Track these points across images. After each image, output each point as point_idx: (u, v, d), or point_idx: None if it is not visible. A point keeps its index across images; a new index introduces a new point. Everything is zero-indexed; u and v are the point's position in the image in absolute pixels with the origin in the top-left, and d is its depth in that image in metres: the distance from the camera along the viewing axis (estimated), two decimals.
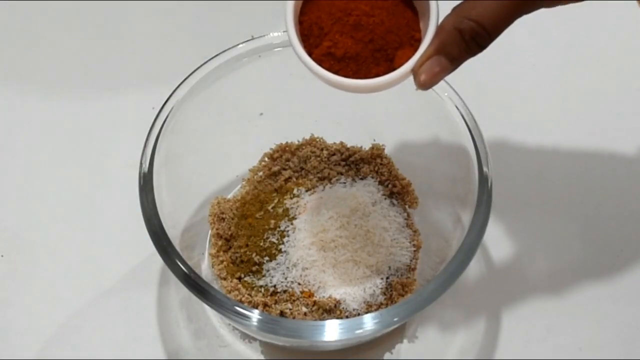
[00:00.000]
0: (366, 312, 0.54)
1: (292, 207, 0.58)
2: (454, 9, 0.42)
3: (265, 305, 0.55)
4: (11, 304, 0.59)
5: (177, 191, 0.56)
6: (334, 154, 0.62)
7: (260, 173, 0.62)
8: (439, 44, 0.42)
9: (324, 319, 0.54)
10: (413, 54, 0.44)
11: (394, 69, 0.44)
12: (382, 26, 0.44)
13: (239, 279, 0.57)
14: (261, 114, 0.62)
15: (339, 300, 0.55)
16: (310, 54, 0.44)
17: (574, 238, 0.62)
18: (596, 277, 0.60)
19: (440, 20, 0.43)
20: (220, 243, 0.58)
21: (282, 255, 0.56)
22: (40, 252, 0.62)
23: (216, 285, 0.57)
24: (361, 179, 0.61)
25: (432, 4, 0.43)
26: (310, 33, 0.45)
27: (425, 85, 0.42)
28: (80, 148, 0.67)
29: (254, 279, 0.56)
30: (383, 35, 0.44)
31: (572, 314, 0.59)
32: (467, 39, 0.41)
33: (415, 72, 0.42)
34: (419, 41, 0.44)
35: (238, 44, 0.57)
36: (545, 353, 0.57)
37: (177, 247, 0.50)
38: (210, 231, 0.59)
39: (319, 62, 0.44)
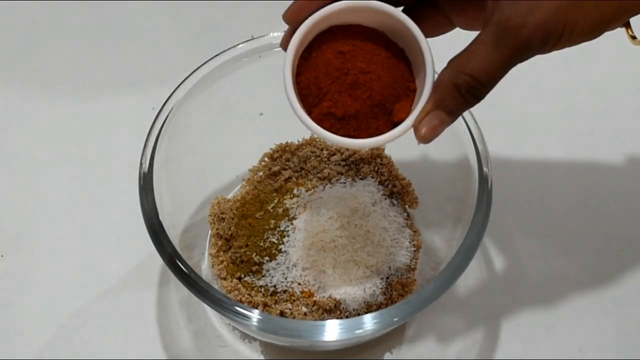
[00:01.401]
0: (366, 312, 0.54)
1: (292, 207, 0.58)
2: (450, 63, 0.42)
3: (265, 305, 0.55)
4: (11, 304, 0.59)
5: (177, 191, 0.56)
6: (334, 154, 0.62)
7: (260, 173, 0.62)
8: (436, 99, 0.42)
9: (324, 319, 0.54)
10: (410, 105, 0.45)
11: (392, 122, 0.45)
12: (379, 82, 0.44)
13: (239, 279, 0.57)
14: (261, 114, 0.62)
15: (339, 301, 0.55)
16: (309, 113, 0.45)
17: (574, 238, 0.62)
18: (596, 277, 0.61)
19: (436, 72, 0.43)
20: (220, 243, 0.58)
21: (282, 255, 0.56)
22: (40, 252, 0.62)
23: (216, 285, 0.57)
24: (361, 179, 0.61)
25: (427, 58, 0.43)
26: (309, 92, 0.45)
27: (425, 139, 0.43)
28: (80, 148, 0.67)
29: (254, 279, 0.56)
30: (381, 91, 0.44)
31: (572, 314, 0.59)
32: (464, 93, 0.42)
33: (415, 127, 0.43)
34: (414, 92, 0.45)
35: (238, 44, 0.57)
36: (545, 353, 0.57)
37: (177, 247, 0.50)
38: (210, 231, 0.59)
39: (320, 122, 0.45)
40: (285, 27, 0.44)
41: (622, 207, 0.64)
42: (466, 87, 0.42)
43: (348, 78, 0.44)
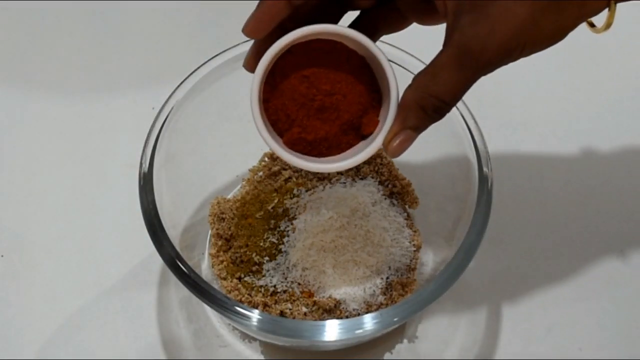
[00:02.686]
0: (366, 312, 0.54)
1: (292, 207, 0.58)
2: (415, 82, 0.43)
3: (265, 305, 0.55)
4: (11, 304, 0.59)
5: (177, 191, 0.56)
6: None
7: (260, 173, 0.62)
8: (403, 119, 0.44)
9: (324, 319, 0.54)
10: (377, 116, 0.46)
11: (362, 136, 0.47)
12: (345, 100, 0.45)
13: (239, 279, 0.57)
14: None
15: (339, 300, 0.55)
16: (281, 137, 0.46)
17: (574, 238, 0.62)
18: (596, 277, 0.60)
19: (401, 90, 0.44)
20: (220, 243, 0.58)
21: (282, 255, 0.56)
22: (40, 252, 0.62)
23: (216, 285, 0.57)
24: (361, 179, 0.61)
25: (392, 85, 0.44)
26: (278, 118, 0.46)
27: (395, 154, 0.45)
28: (80, 148, 0.67)
29: (254, 279, 0.56)
30: (348, 109, 0.46)
31: (572, 314, 0.59)
32: (430, 113, 0.43)
33: (385, 145, 0.45)
34: (379, 101, 0.46)
35: (238, 44, 0.57)
36: (545, 353, 0.57)
37: (177, 247, 0.50)
38: (210, 231, 0.59)
39: (292, 147, 0.46)
40: None
41: (622, 207, 0.64)
42: (432, 108, 0.43)
43: (315, 103, 0.45)
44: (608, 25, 0.43)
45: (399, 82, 0.45)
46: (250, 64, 0.46)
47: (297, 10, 0.44)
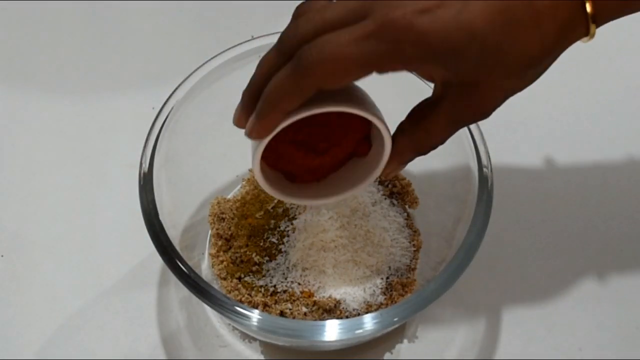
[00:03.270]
0: (366, 312, 0.54)
1: (292, 207, 0.58)
2: (410, 135, 0.46)
3: (265, 305, 0.55)
4: (11, 304, 0.59)
5: (177, 191, 0.56)
6: None
7: None
8: (399, 161, 0.48)
9: (324, 319, 0.54)
10: (369, 139, 0.49)
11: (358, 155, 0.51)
12: (340, 147, 0.49)
13: (239, 279, 0.57)
14: None
15: (339, 300, 0.55)
16: (292, 182, 0.51)
17: (574, 238, 0.62)
18: (596, 277, 0.60)
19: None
20: (220, 243, 0.58)
21: (282, 255, 0.56)
22: (40, 252, 0.62)
23: (216, 285, 0.57)
24: None
25: (387, 147, 0.47)
26: (283, 174, 0.50)
27: (389, 177, 0.54)
28: (80, 148, 0.67)
29: (254, 279, 0.56)
30: (344, 150, 0.49)
31: (572, 314, 0.59)
32: (424, 154, 0.48)
33: (382, 177, 0.50)
34: (369, 130, 0.49)
35: (238, 44, 0.57)
36: (545, 353, 0.57)
37: (177, 247, 0.50)
38: (210, 231, 0.59)
39: (303, 181, 0.51)
40: (284, 25, 0.44)
41: (623, 207, 0.64)
42: (425, 153, 0.47)
43: (314, 162, 0.49)
44: (592, 36, 0.43)
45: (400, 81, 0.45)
46: (241, 122, 0.46)
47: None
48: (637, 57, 0.74)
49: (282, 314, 0.54)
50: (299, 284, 0.55)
